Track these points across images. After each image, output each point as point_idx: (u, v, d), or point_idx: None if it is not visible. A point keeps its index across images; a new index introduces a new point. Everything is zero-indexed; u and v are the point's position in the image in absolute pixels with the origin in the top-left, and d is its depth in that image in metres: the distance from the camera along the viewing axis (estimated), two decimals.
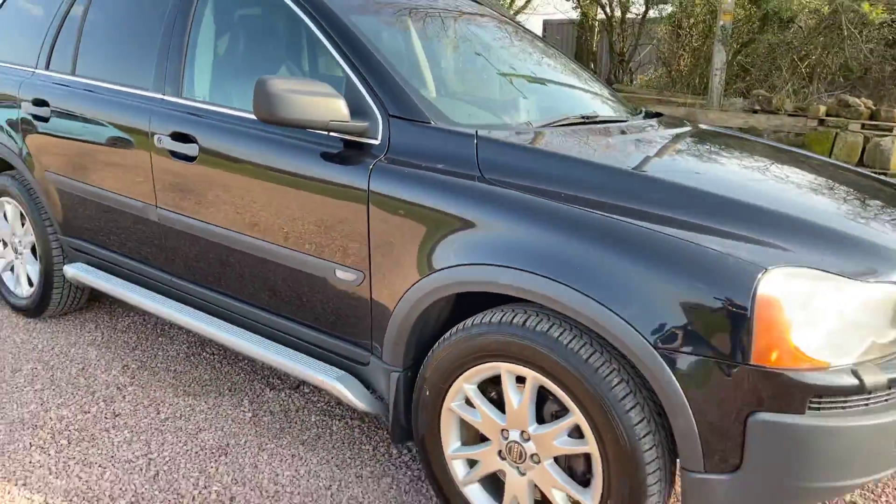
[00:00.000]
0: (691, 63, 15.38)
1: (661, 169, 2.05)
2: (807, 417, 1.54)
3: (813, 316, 1.56)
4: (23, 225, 3.41)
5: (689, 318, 1.58)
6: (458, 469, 2.02)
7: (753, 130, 10.83)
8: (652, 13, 15.41)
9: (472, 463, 2.01)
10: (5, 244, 3.56)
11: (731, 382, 1.55)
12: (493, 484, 2.00)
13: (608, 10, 15.84)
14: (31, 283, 3.45)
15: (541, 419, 1.85)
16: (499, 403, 1.92)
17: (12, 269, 3.56)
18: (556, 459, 1.84)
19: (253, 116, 2.18)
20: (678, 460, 1.69)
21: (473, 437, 2.01)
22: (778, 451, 1.56)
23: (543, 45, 3.14)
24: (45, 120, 3.05)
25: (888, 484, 2.36)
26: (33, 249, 3.40)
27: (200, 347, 3.22)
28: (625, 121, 2.63)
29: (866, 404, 1.59)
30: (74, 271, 3.10)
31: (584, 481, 1.81)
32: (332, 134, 2.13)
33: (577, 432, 1.78)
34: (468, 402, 1.96)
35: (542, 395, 1.84)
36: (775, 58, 13.74)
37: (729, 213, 1.74)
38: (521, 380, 1.85)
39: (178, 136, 2.48)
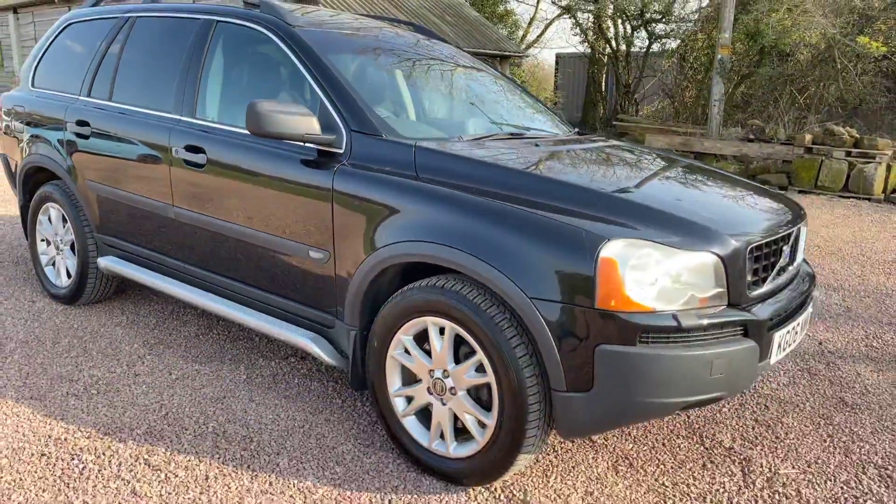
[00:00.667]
0: (695, 95, 15.95)
1: (549, 169, 2.61)
2: (637, 348, 2.09)
3: (642, 274, 2.11)
4: (64, 226, 4.06)
5: (554, 276, 2.14)
6: (399, 405, 2.58)
7: (746, 158, 11.34)
8: (655, 47, 16.04)
9: (409, 399, 2.57)
10: (48, 243, 4.22)
11: (582, 322, 2.11)
12: (424, 414, 2.56)
13: (613, 44, 16.52)
14: (69, 276, 4.10)
15: (457, 361, 2.41)
16: (427, 353, 2.48)
17: (53, 264, 4.21)
18: (469, 391, 2.39)
19: (247, 131, 2.80)
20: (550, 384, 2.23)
21: (409, 379, 2.57)
22: (618, 373, 2.11)
23: (496, 76, 3.76)
24: (86, 138, 3.72)
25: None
26: (72, 246, 4.05)
27: (208, 329, 3.82)
28: (545, 136, 3.22)
29: (686, 340, 2.13)
30: (106, 262, 3.75)
31: (487, 406, 2.36)
32: (307, 145, 2.74)
33: (481, 368, 2.33)
34: (406, 350, 2.52)
35: (458, 342, 2.40)
36: (774, 89, 14.23)
37: (593, 200, 2.31)
38: (442, 331, 2.41)
39: (191, 148, 3.12)
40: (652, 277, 2.13)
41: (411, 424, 2.57)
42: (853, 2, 11.80)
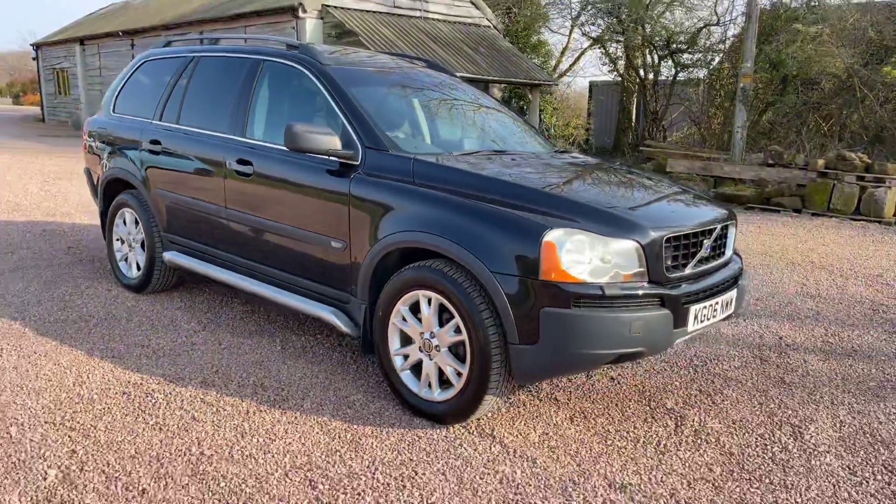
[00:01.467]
0: (722, 121, 16.42)
1: (514, 176, 3.27)
2: (571, 310, 2.75)
3: (576, 255, 2.78)
4: (136, 227, 4.90)
5: (510, 256, 2.82)
6: (398, 362, 3.27)
7: (763, 182, 11.78)
8: (682, 76, 16.60)
9: (405, 357, 3.26)
10: (122, 241, 5.06)
11: (530, 290, 2.78)
12: (416, 369, 3.24)
13: (641, 72, 17.13)
14: (138, 268, 4.92)
15: (441, 324, 3.10)
16: (419, 319, 3.17)
17: (126, 259, 5.05)
18: (449, 348, 3.07)
19: (285, 148, 3.56)
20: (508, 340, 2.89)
21: (405, 341, 3.26)
22: (557, 329, 2.76)
23: (492, 104, 4.49)
24: (157, 154, 4.55)
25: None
26: (141, 244, 4.88)
27: (251, 312, 4.59)
28: (524, 152, 3.92)
29: (610, 305, 2.78)
30: (170, 256, 4.56)
31: (462, 359, 3.03)
32: (330, 158, 3.49)
33: (458, 330, 3.01)
34: (403, 318, 3.22)
35: (441, 310, 3.08)
36: (798, 116, 14.62)
37: (543, 199, 2.99)
38: (430, 302, 3.10)
39: (241, 161, 3.91)
40: (585, 258, 2.80)
41: (407, 377, 3.26)
42: (868, 33, 12.21)
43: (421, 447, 2.93)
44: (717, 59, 16.21)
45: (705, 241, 3.18)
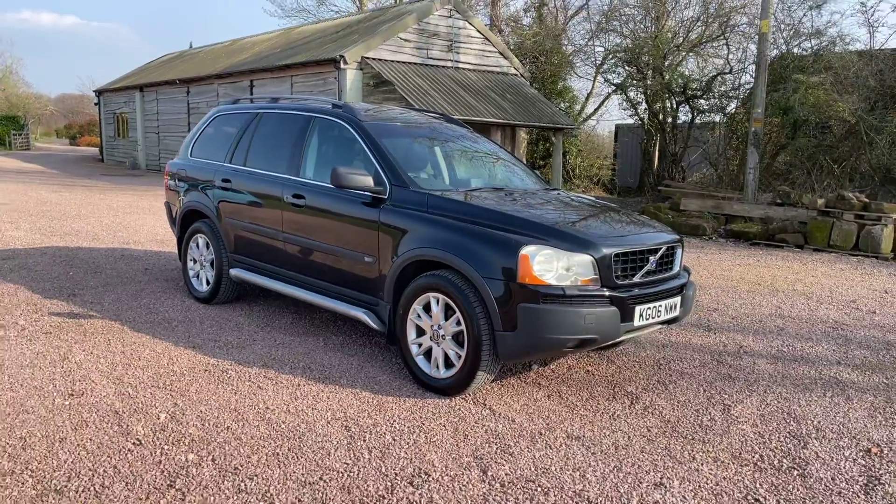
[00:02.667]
0: (738, 162, 17.24)
1: (504, 206, 4.25)
2: (540, 305, 3.70)
3: (545, 265, 3.74)
4: (207, 249, 6.00)
5: (497, 265, 3.80)
6: (414, 349, 4.25)
7: (769, 219, 12.54)
8: (698, 120, 17.52)
9: (419, 345, 4.23)
10: (194, 261, 6.17)
11: (511, 291, 3.74)
12: (427, 355, 4.21)
13: (660, 117, 18.10)
14: (207, 283, 6.01)
15: (446, 318, 4.07)
16: (430, 315, 4.15)
17: (197, 276, 6.15)
18: (452, 337, 4.04)
19: (331, 185, 4.61)
20: (495, 329, 3.84)
21: (419, 332, 4.24)
22: (530, 319, 3.71)
23: (497, 150, 5.53)
24: (227, 190, 5.67)
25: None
26: (211, 263, 5.98)
27: (299, 318, 5.62)
28: (518, 189, 4.93)
29: (569, 302, 3.73)
30: (235, 272, 5.64)
31: (461, 345, 3.99)
32: (365, 193, 4.53)
33: (459, 322, 3.98)
34: (418, 315, 4.20)
35: (447, 307, 4.06)
36: (809, 158, 15.37)
37: (523, 224, 3.96)
38: (438, 301, 4.08)
39: (296, 196, 4.99)
40: (552, 267, 3.76)
41: (421, 361, 4.22)
42: (868, 81, 13.00)
43: (429, 409, 3.89)
44: (732, 105, 17.11)
45: (651, 258, 4.11)
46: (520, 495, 2.99)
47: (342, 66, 16.46)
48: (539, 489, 3.05)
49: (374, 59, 16.79)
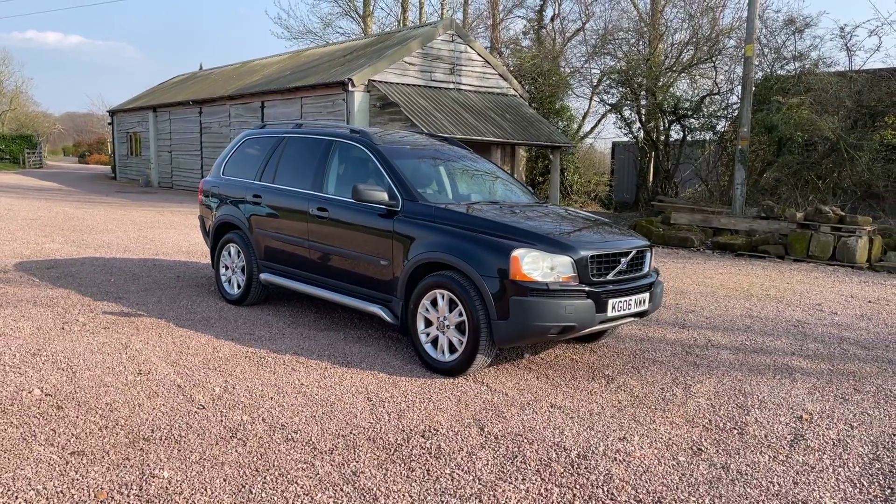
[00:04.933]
0: (728, 179, 18.04)
1: (499, 217, 5.04)
2: (528, 297, 4.47)
3: (533, 265, 4.52)
4: (238, 256, 6.79)
5: (493, 265, 4.57)
6: (422, 338, 5.01)
7: (753, 232, 13.32)
8: (689, 138, 18.36)
9: (427, 334, 5.00)
10: (227, 268, 6.96)
11: (504, 286, 4.52)
12: (434, 343, 4.98)
13: (654, 135, 18.95)
14: (238, 287, 6.79)
15: (451, 311, 4.84)
16: (436, 309, 4.92)
17: (229, 281, 6.93)
18: (455, 326, 4.81)
19: (352, 199, 5.41)
20: (491, 318, 4.61)
21: (427, 324, 5.01)
22: (520, 310, 4.48)
23: (494, 169, 6.34)
24: (258, 204, 6.48)
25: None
26: (241, 269, 6.76)
27: (320, 317, 6.39)
28: (513, 203, 5.72)
29: (552, 296, 4.50)
30: (265, 276, 6.43)
31: (463, 333, 4.76)
32: (381, 206, 5.33)
33: (461, 314, 4.75)
34: (426, 308, 4.98)
35: (451, 301, 4.83)
36: (795, 173, 16.16)
37: (515, 231, 4.74)
38: (443, 297, 4.85)
39: (320, 209, 5.78)
40: (538, 266, 4.54)
41: (429, 348, 4.99)
42: (845, 102, 13.83)
43: (436, 386, 4.65)
44: (721, 124, 17.96)
45: (622, 259, 4.89)
46: (510, 444, 3.75)
47: (350, 88, 17.35)
48: (525, 440, 3.81)
49: (380, 81, 17.68)
